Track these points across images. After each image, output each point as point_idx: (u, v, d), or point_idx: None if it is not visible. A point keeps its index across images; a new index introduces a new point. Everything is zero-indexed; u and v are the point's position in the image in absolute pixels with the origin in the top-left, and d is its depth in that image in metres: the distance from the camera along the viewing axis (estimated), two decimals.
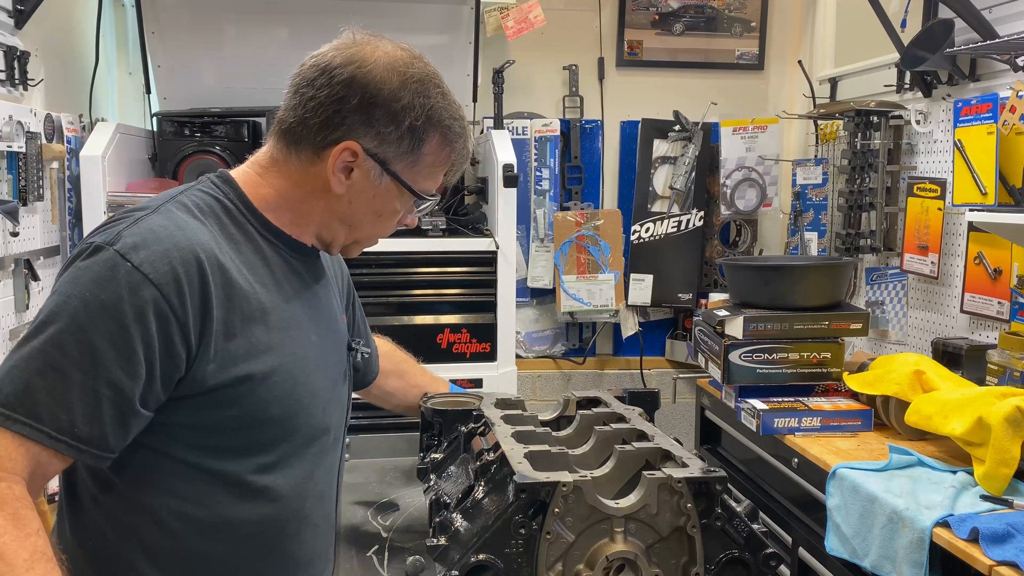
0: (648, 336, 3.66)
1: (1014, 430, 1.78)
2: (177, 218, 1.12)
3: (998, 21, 2.36)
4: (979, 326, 2.49)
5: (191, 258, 1.09)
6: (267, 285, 1.19)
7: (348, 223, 1.25)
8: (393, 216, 1.27)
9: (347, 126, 1.17)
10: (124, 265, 1.05)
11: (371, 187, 1.21)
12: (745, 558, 1.23)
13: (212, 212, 1.17)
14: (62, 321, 1.04)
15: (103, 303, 1.04)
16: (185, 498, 1.14)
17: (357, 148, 1.18)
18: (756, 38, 3.67)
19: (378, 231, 1.29)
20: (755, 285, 2.51)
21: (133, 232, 1.08)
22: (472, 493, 1.29)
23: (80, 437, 1.03)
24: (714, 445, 2.87)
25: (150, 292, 1.05)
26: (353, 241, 1.29)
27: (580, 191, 3.59)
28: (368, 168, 1.20)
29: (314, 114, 1.18)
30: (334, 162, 1.18)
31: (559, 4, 3.50)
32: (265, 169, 1.24)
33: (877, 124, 2.83)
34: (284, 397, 1.18)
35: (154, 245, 1.07)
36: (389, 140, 1.19)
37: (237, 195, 1.21)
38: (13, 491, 1.01)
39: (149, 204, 1.15)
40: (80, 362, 1.03)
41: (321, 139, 1.18)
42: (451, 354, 2.94)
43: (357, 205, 1.23)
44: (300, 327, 1.23)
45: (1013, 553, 1.54)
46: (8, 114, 2.40)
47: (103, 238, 1.07)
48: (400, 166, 1.21)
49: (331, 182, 1.20)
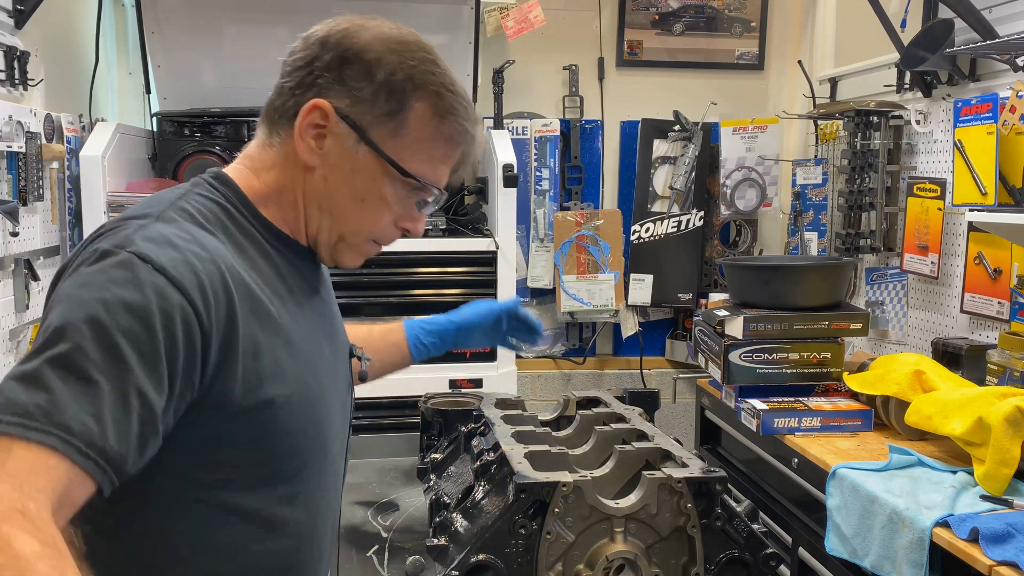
0: (648, 336, 3.66)
1: (1014, 430, 1.78)
2: (187, 228, 0.99)
3: (998, 21, 2.36)
4: (979, 326, 2.49)
5: (213, 269, 0.96)
6: (283, 296, 1.06)
7: (328, 210, 1.10)
8: (380, 205, 1.10)
9: (318, 86, 1.06)
10: (144, 266, 0.91)
11: (348, 159, 1.06)
12: (745, 558, 1.23)
13: (217, 220, 1.04)
14: (79, 325, 0.86)
15: (127, 303, 0.88)
16: (200, 543, 1.00)
17: (326, 106, 1.04)
18: (756, 38, 3.67)
19: (364, 223, 1.11)
20: (755, 285, 2.51)
21: (145, 236, 0.94)
22: (472, 493, 1.29)
23: (109, 456, 0.84)
24: (714, 445, 2.87)
25: (176, 297, 0.91)
26: (338, 238, 1.12)
27: (580, 191, 3.59)
28: (341, 134, 1.05)
29: (289, 78, 1.08)
30: (302, 123, 1.05)
31: (559, 4, 3.50)
32: (254, 160, 1.12)
33: (877, 124, 2.83)
34: (307, 420, 1.06)
35: (172, 251, 0.94)
36: (362, 99, 1.05)
37: (237, 196, 1.08)
38: (43, 516, 0.78)
39: (148, 210, 1.01)
40: (106, 368, 0.85)
41: (293, 104, 1.07)
42: (451, 354, 2.92)
43: (333, 183, 1.08)
44: (316, 341, 1.11)
45: (1013, 553, 1.54)
46: (8, 114, 2.40)
47: (110, 243, 0.93)
48: (379, 133, 1.06)
49: (299, 149, 1.06)
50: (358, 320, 1.57)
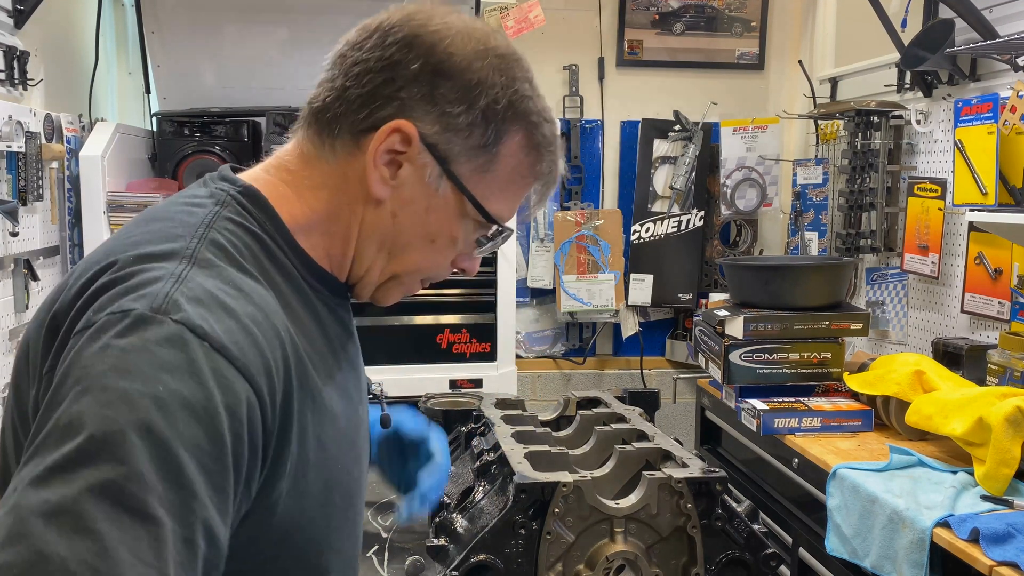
0: (648, 336, 3.66)
1: (1014, 430, 1.78)
2: (232, 278, 0.78)
3: (998, 21, 2.36)
4: (979, 326, 2.49)
5: (274, 338, 0.77)
6: (324, 356, 0.87)
7: (389, 247, 0.90)
8: (449, 246, 0.92)
9: (401, 101, 0.85)
10: (200, 345, 0.70)
11: (424, 194, 0.88)
12: (745, 558, 1.23)
13: (254, 258, 0.82)
14: (129, 436, 0.64)
15: (188, 403, 0.67)
16: None
17: (411, 130, 0.84)
18: (756, 38, 3.67)
19: (426, 265, 0.93)
20: (755, 285, 2.51)
21: (191, 296, 0.72)
22: (472, 493, 1.29)
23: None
24: (714, 445, 2.87)
25: (243, 388, 0.71)
26: (390, 277, 0.93)
27: (580, 191, 3.59)
28: (423, 164, 0.86)
29: (357, 82, 0.85)
30: (377, 148, 0.85)
31: (559, 4, 3.50)
32: (295, 175, 0.89)
33: (877, 124, 2.83)
34: (346, 504, 0.89)
35: (228, 319, 0.73)
36: (456, 126, 0.86)
37: (275, 225, 0.86)
38: None
39: (175, 246, 0.78)
40: (169, 498, 0.64)
41: (364, 117, 0.85)
42: (451, 354, 2.94)
43: (404, 221, 0.89)
44: (352, 402, 0.93)
45: (1013, 553, 1.54)
46: (8, 114, 2.40)
47: (146, 304, 0.70)
48: (467, 168, 0.87)
49: (370, 180, 0.86)
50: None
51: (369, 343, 3.16)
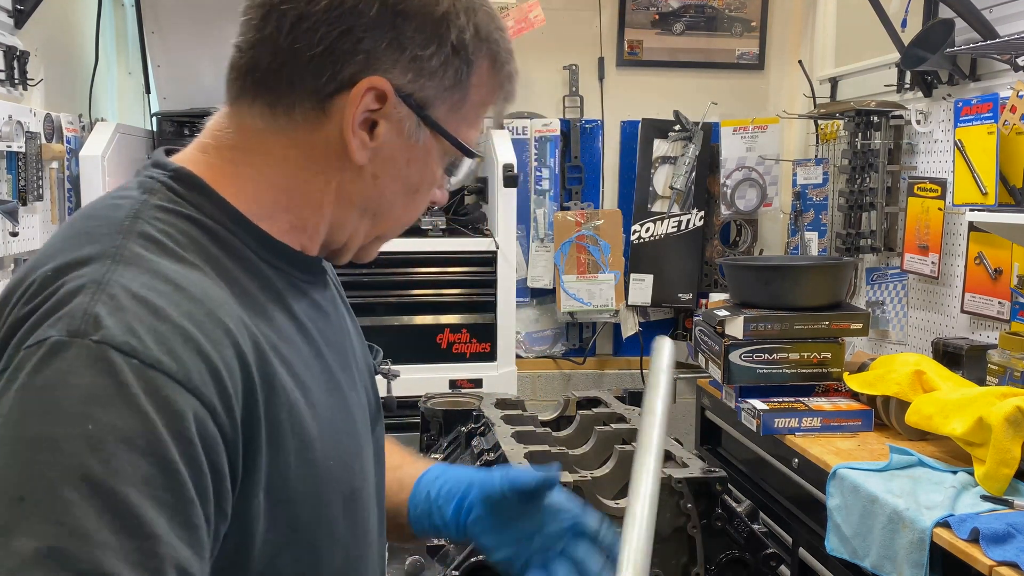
0: (648, 336, 3.66)
1: (1014, 430, 1.78)
2: (165, 271, 0.68)
3: (998, 21, 2.36)
4: (979, 326, 2.49)
5: (223, 337, 0.67)
6: (293, 341, 0.77)
7: (373, 210, 0.82)
8: (431, 188, 0.85)
9: (365, 53, 0.74)
10: (128, 364, 0.61)
11: (405, 149, 0.79)
12: (745, 558, 1.23)
13: (195, 245, 0.73)
14: (64, 492, 0.57)
15: (124, 436, 0.59)
16: None
17: (385, 86, 0.75)
18: (756, 38, 3.67)
19: (410, 216, 0.86)
20: (755, 285, 2.51)
21: (112, 306, 0.63)
22: None
23: None
24: (714, 445, 2.87)
25: (187, 402, 0.63)
26: (375, 239, 0.87)
27: (580, 191, 3.59)
28: (400, 118, 0.77)
29: (308, 40, 0.74)
30: (354, 114, 0.75)
31: (559, 4, 3.50)
32: (242, 151, 0.78)
33: (877, 124, 2.83)
34: (349, 501, 0.81)
35: (158, 322, 0.64)
36: (430, 70, 0.77)
37: (217, 206, 0.76)
38: None
39: (92, 248, 0.68)
40: (127, 549, 0.57)
41: (328, 79, 0.75)
42: (451, 354, 2.94)
43: (386, 180, 0.80)
44: (339, 389, 0.83)
45: (1013, 553, 1.54)
46: (8, 114, 2.40)
47: (63, 327, 0.62)
48: (443, 110, 0.79)
49: (351, 148, 0.76)
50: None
51: (369, 343, 3.13)
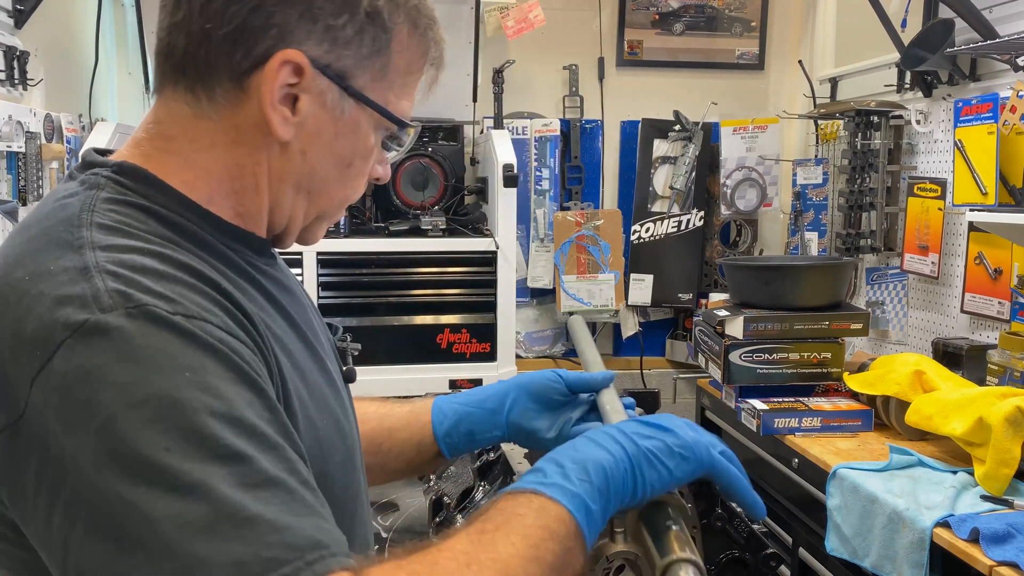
0: (648, 336, 3.66)
1: (1014, 430, 1.78)
2: (135, 246, 0.70)
3: (998, 21, 2.36)
4: (979, 326, 2.49)
5: (215, 291, 0.72)
6: (268, 311, 0.80)
7: (307, 187, 0.82)
8: (366, 162, 0.84)
9: (277, 27, 0.74)
10: (176, 318, 0.65)
11: (331, 122, 0.79)
12: (745, 558, 1.23)
13: (152, 232, 0.74)
14: (194, 427, 0.61)
15: (216, 372, 0.65)
16: None
17: (300, 58, 0.74)
18: (756, 38, 3.67)
19: (348, 193, 0.85)
20: (755, 285, 2.51)
21: (123, 280, 0.66)
22: (472, 493, 1.29)
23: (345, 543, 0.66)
24: None
25: (234, 341, 0.68)
26: (316, 217, 0.86)
27: (580, 191, 3.59)
28: (321, 91, 0.77)
29: (219, 19, 0.74)
30: (272, 89, 0.75)
31: (559, 4, 3.49)
32: (175, 140, 0.79)
33: (877, 124, 2.82)
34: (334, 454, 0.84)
35: (174, 285, 0.68)
36: (345, 39, 0.76)
37: (166, 195, 0.76)
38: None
39: (60, 249, 0.69)
40: (269, 458, 0.64)
41: (242, 57, 0.75)
42: (451, 354, 2.94)
43: (315, 156, 0.80)
44: (315, 354, 0.88)
45: (1013, 553, 1.54)
46: (8, 114, 2.40)
47: (95, 307, 0.64)
48: (366, 79, 0.79)
49: (272, 125, 0.76)
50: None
51: (369, 343, 3.15)
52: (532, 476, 0.76)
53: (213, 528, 0.59)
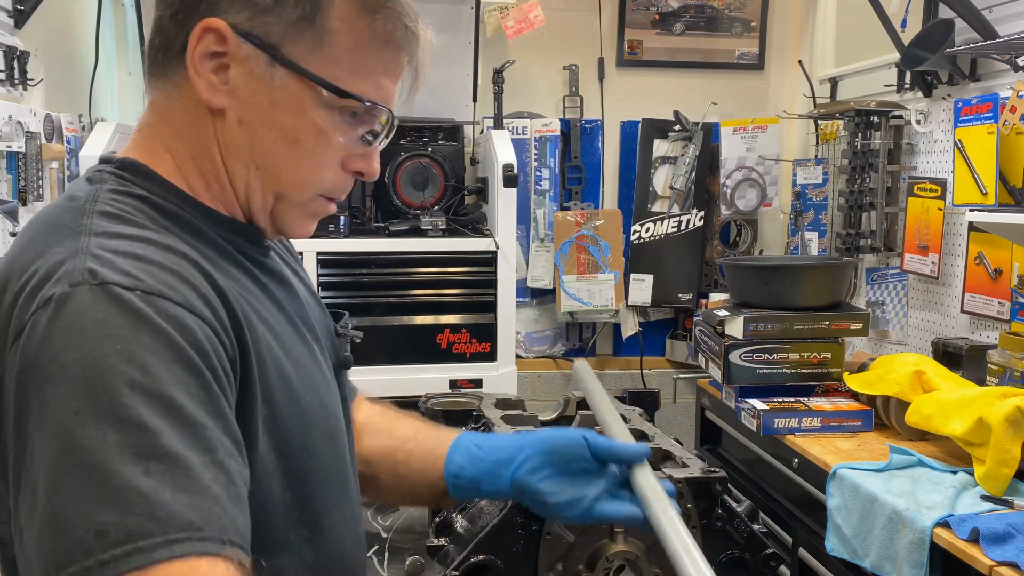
0: (648, 336, 3.66)
1: (1014, 430, 1.78)
2: (135, 233, 0.76)
3: (998, 21, 2.36)
4: (979, 326, 2.49)
5: (197, 273, 0.76)
6: (258, 295, 0.85)
7: (255, 160, 0.84)
8: (320, 142, 0.84)
9: (205, 2, 0.80)
10: (133, 294, 0.69)
11: (263, 90, 0.81)
12: (745, 558, 1.23)
13: (151, 220, 0.80)
14: (110, 394, 0.65)
15: (151, 348, 0.67)
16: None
17: (219, 24, 0.79)
18: (756, 38, 3.67)
19: (305, 171, 0.85)
20: (755, 285, 2.51)
21: (102, 260, 0.71)
22: None
23: (244, 534, 0.68)
24: (714, 445, 2.87)
25: (191, 320, 0.71)
26: (275, 198, 0.86)
27: (580, 191, 3.59)
28: (246, 57, 0.80)
29: (166, 5, 0.82)
30: (193, 54, 0.80)
31: (559, 4, 3.50)
32: (157, 129, 0.85)
33: (877, 124, 2.83)
34: (318, 432, 0.87)
35: (147, 265, 0.72)
36: (264, 6, 0.80)
37: (162, 187, 0.83)
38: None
39: (63, 233, 0.75)
40: (182, 435, 0.66)
41: (179, 35, 0.81)
42: (451, 354, 2.94)
43: (252, 123, 0.82)
44: (303, 338, 0.91)
45: (1013, 553, 1.54)
46: (8, 114, 2.40)
47: (64, 284, 0.69)
48: (297, 49, 0.81)
49: (199, 90, 0.80)
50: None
51: (369, 343, 3.14)
52: None
53: (89, 490, 0.62)
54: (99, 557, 0.61)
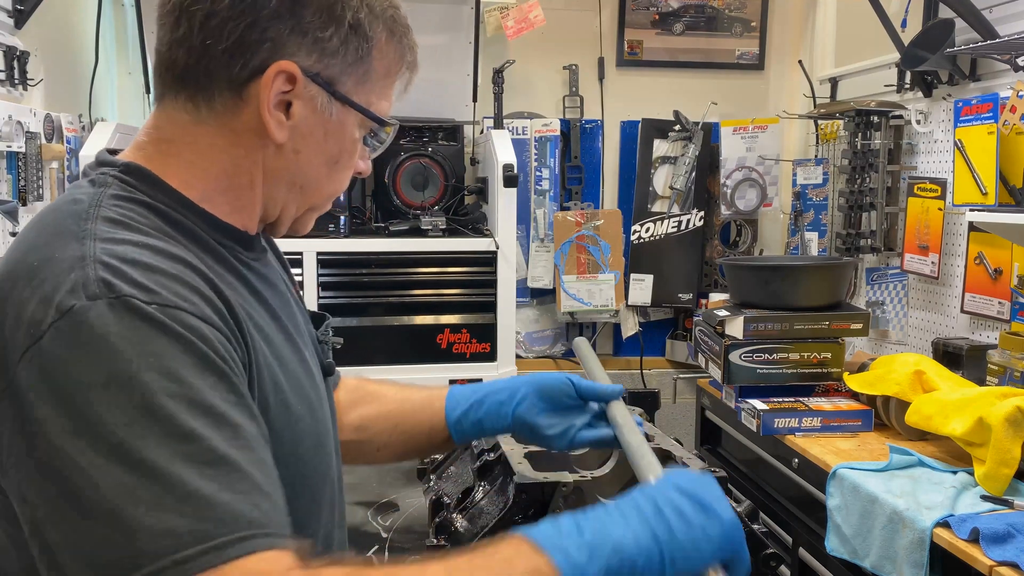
0: (648, 336, 3.66)
1: (1014, 430, 1.78)
2: (138, 240, 0.78)
3: (998, 21, 2.36)
4: (979, 326, 2.49)
5: (200, 280, 0.78)
6: (252, 302, 0.88)
7: (300, 184, 0.90)
8: (351, 158, 0.93)
9: (271, 41, 0.83)
10: (151, 307, 0.72)
11: (321, 124, 0.87)
12: None
13: (153, 226, 0.82)
14: (149, 407, 0.68)
15: (178, 358, 0.71)
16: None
17: (293, 68, 0.83)
18: (756, 38, 3.67)
19: (335, 187, 0.94)
20: (755, 285, 2.51)
21: (111, 271, 0.73)
22: (472, 493, 1.29)
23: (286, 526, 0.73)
24: (714, 445, 2.87)
25: (207, 328, 0.75)
26: (307, 210, 0.94)
27: (580, 191, 3.59)
28: (312, 96, 0.86)
29: (218, 36, 0.82)
30: (268, 97, 0.83)
31: (559, 4, 3.49)
32: (176, 144, 0.87)
33: (877, 124, 2.82)
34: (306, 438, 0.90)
35: (157, 276, 0.75)
36: (331, 49, 0.85)
37: (166, 193, 0.84)
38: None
39: (67, 239, 0.76)
40: (223, 437, 0.70)
41: (240, 69, 0.83)
42: (451, 354, 2.94)
43: (307, 155, 0.88)
44: (295, 345, 0.94)
45: (1013, 553, 1.54)
46: (8, 114, 2.40)
47: (82, 294, 0.71)
48: (351, 84, 0.88)
49: (269, 128, 0.85)
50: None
51: (369, 343, 3.15)
52: (548, 527, 0.78)
53: (155, 499, 0.66)
54: (173, 557, 0.64)
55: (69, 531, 0.67)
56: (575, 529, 0.77)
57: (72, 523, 0.67)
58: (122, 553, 0.65)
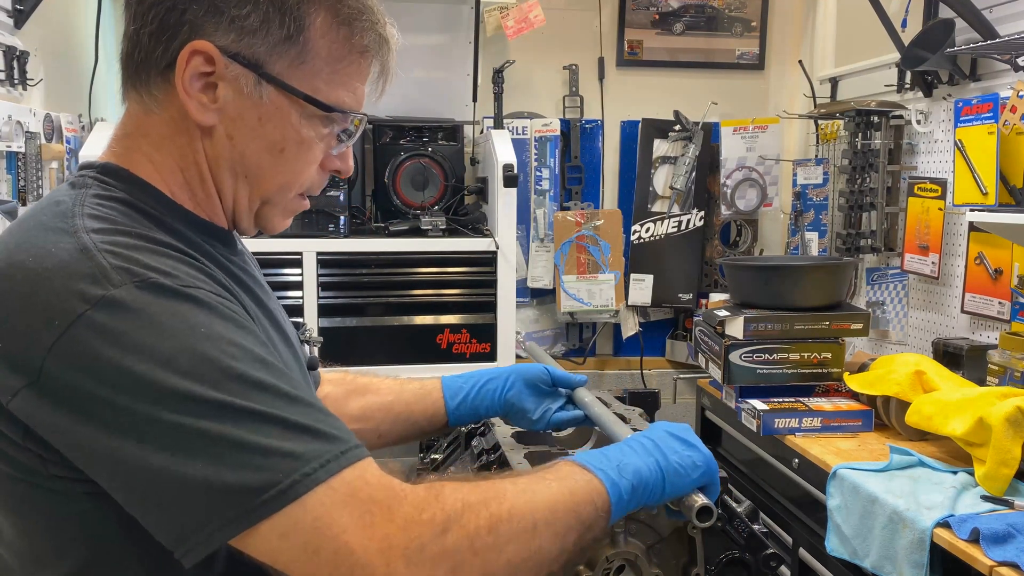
0: (648, 336, 3.66)
1: (1015, 430, 1.78)
2: (129, 231, 0.81)
3: (999, 21, 2.36)
4: (980, 326, 2.49)
5: (199, 268, 0.83)
6: (239, 293, 0.90)
7: (243, 173, 0.90)
8: (303, 150, 0.90)
9: (189, 23, 0.84)
10: (177, 287, 0.77)
11: (252, 107, 0.86)
12: (745, 559, 1.23)
13: (135, 222, 0.84)
14: (229, 369, 0.75)
15: (221, 326, 0.77)
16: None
17: (207, 47, 0.83)
18: (756, 38, 3.67)
19: (287, 178, 0.92)
20: (755, 285, 2.51)
21: (123, 257, 0.76)
22: None
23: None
24: (714, 445, 2.87)
25: (228, 302, 0.81)
26: (261, 203, 0.93)
27: (580, 191, 3.59)
28: (235, 77, 0.84)
29: (145, 22, 0.86)
30: (183, 76, 0.83)
31: (559, 4, 3.49)
32: (136, 138, 0.90)
33: (877, 124, 2.82)
34: None
35: (167, 259, 0.79)
36: (251, 28, 0.84)
37: (144, 191, 0.87)
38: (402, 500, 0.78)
39: (57, 235, 0.78)
40: (285, 380, 0.78)
41: (162, 53, 0.85)
42: (451, 354, 2.94)
43: (241, 140, 0.87)
44: (283, 334, 1.00)
45: (1014, 553, 1.53)
46: (7, 114, 2.40)
47: (106, 283, 0.74)
48: (281, 66, 0.86)
49: (189, 109, 0.85)
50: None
51: (369, 343, 3.14)
52: (587, 456, 0.96)
53: (268, 432, 0.74)
54: (303, 471, 0.73)
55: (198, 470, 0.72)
56: (605, 458, 0.95)
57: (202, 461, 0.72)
58: (245, 480, 0.72)
